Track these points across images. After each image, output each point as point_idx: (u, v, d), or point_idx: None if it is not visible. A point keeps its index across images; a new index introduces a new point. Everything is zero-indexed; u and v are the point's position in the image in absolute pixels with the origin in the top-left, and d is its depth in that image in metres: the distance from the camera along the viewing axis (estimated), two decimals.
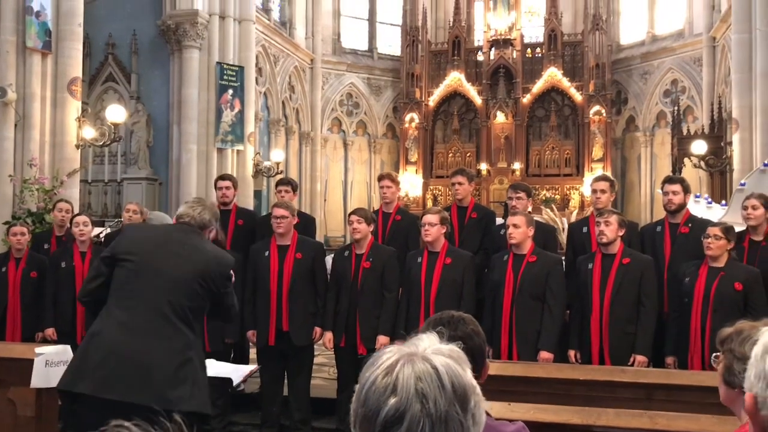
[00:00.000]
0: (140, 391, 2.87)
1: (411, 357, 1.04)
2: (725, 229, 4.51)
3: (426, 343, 1.10)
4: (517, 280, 4.84)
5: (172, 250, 3.18)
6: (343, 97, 18.59)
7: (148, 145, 12.99)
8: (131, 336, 2.96)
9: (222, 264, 3.25)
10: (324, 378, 6.46)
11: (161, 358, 2.95)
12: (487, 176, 17.09)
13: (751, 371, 1.05)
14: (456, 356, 1.06)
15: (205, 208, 3.37)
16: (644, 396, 3.12)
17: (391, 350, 1.07)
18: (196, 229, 3.28)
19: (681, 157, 13.32)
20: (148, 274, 3.08)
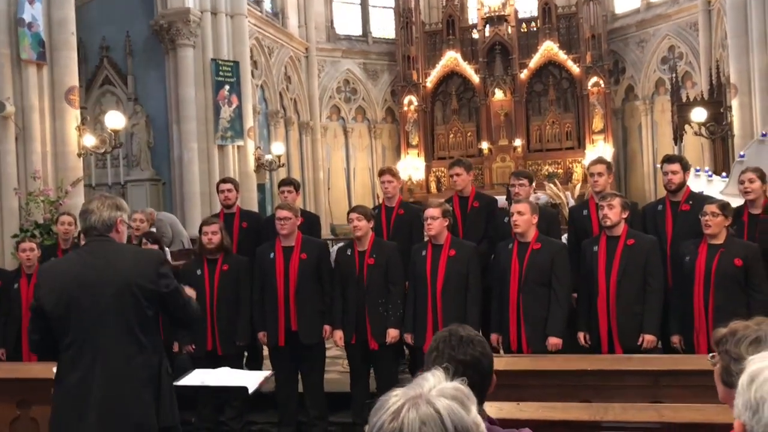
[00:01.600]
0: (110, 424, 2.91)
1: (416, 401, 1.09)
2: (722, 205, 4.55)
3: (431, 383, 1.15)
4: (522, 267, 4.89)
5: (88, 279, 3.01)
6: (340, 84, 18.54)
7: (149, 146, 13.03)
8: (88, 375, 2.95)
9: (144, 263, 3.08)
10: (338, 372, 6.54)
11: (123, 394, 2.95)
12: (488, 155, 17.07)
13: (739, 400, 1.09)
14: (460, 396, 1.11)
15: (99, 208, 3.11)
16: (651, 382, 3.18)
17: (398, 393, 1.12)
18: (105, 238, 3.09)
19: (681, 125, 13.27)
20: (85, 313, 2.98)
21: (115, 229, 3.12)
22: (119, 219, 3.13)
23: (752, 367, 1.08)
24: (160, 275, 3.07)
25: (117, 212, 3.13)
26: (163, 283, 3.07)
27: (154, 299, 3.06)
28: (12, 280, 5.89)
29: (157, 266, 3.08)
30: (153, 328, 3.09)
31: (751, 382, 1.07)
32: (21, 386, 3.99)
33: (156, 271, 3.06)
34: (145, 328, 3.03)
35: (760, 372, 1.06)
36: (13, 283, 5.85)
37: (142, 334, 3.02)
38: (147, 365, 3.03)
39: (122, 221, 3.15)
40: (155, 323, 3.12)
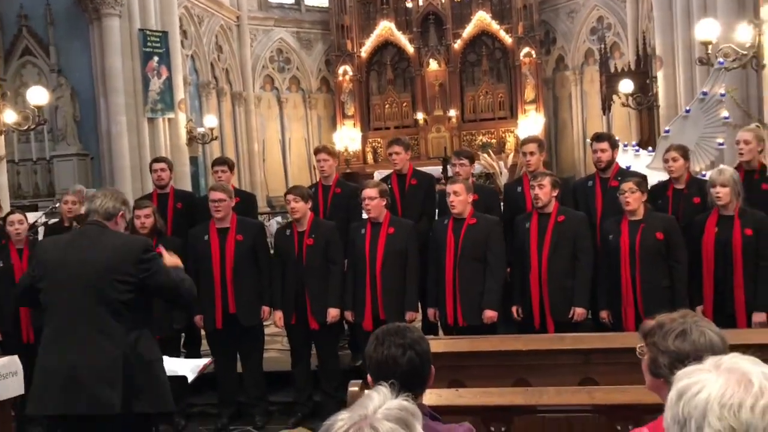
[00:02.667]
0: (71, 401, 3.04)
1: (360, 426, 1.11)
2: (637, 182, 4.73)
3: (376, 403, 1.17)
4: (458, 243, 4.99)
5: (77, 258, 3.17)
6: (273, 53, 18.22)
7: (75, 119, 12.55)
8: (61, 353, 3.10)
9: (127, 249, 3.19)
10: (278, 350, 6.55)
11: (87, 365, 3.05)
12: (424, 125, 17.16)
13: (668, 414, 1.16)
14: (404, 417, 1.14)
15: (107, 196, 3.36)
16: (583, 360, 3.31)
17: (343, 417, 1.14)
18: (101, 224, 3.26)
19: (610, 95, 13.62)
20: (63, 290, 3.16)
21: (115, 220, 3.30)
22: (122, 213, 3.34)
23: (680, 384, 1.15)
24: (141, 261, 3.15)
25: (122, 206, 3.34)
26: (143, 267, 3.15)
27: (134, 284, 3.14)
28: None
29: (139, 252, 3.18)
30: (129, 312, 3.15)
31: (679, 399, 1.13)
32: None
33: (137, 257, 3.17)
34: (120, 312, 3.12)
35: (687, 389, 1.13)
36: None
37: (114, 317, 3.11)
38: (117, 347, 3.09)
39: (123, 216, 3.36)
40: (134, 309, 3.17)
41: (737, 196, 4.56)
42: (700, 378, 1.14)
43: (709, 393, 1.10)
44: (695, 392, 1.12)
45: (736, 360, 1.16)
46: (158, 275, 3.20)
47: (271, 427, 5.41)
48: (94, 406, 3.03)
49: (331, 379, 5.45)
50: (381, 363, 2.05)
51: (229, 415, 5.49)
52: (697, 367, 1.18)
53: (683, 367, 1.85)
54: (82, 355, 3.06)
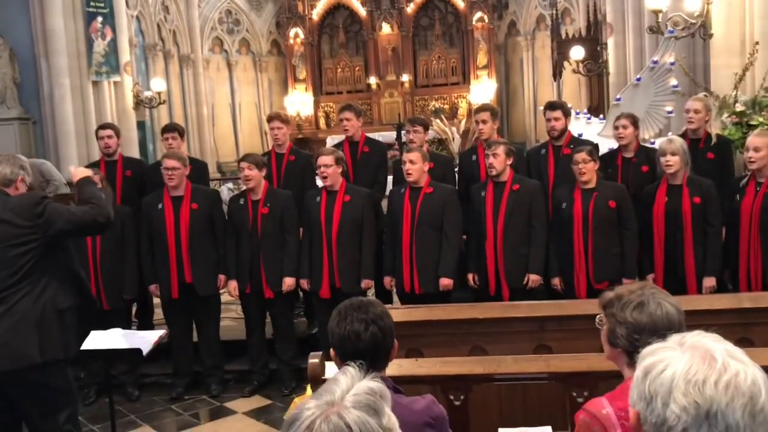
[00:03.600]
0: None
1: (327, 414, 1.10)
2: (589, 151, 4.81)
3: (344, 386, 1.16)
4: (415, 211, 5.00)
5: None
6: (222, 14, 17.73)
7: (14, 81, 12.03)
8: None
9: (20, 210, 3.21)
10: (232, 318, 6.51)
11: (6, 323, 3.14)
12: (377, 90, 17.02)
13: (634, 391, 1.18)
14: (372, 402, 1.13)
15: (2, 163, 3.35)
16: (538, 327, 3.38)
17: (310, 406, 1.13)
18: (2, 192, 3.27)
19: (561, 61, 13.71)
20: None
21: (15, 186, 3.30)
22: (20, 177, 3.32)
23: (645, 362, 1.17)
24: (36, 215, 3.19)
25: (20, 171, 3.33)
26: (40, 222, 3.19)
27: (37, 239, 3.18)
28: None
29: (32, 208, 3.20)
30: (37, 266, 3.19)
31: (645, 376, 1.16)
32: None
33: (32, 212, 3.19)
34: (27, 268, 3.17)
35: (653, 367, 1.15)
36: None
37: (24, 276, 3.16)
38: (24, 304, 3.16)
39: (23, 180, 3.34)
40: (41, 261, 3.21)
41: (686, 165, 4.67)
42: (665, 356, 1.16)
43: (674, 370, 1.13)
44: (660, 370, 1.15)
45: (699, 337, 1.19)
46: (57, 222, 3.23)
47: (226, 395, 5.41)
48: (17, 359, 3.13)
49: (286, 348, 5.46)
50: (344, 338, 2.05)
51: (185, 385, 5.47)
52: (662, 344, 1.20)
53: (640, 338, 1.91)
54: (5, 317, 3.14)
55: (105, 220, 3.36)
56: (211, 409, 5.23)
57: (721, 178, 4.99)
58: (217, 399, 5.35)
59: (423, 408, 1.98)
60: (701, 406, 1.09)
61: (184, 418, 5.12)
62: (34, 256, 3.19)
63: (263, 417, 5.01)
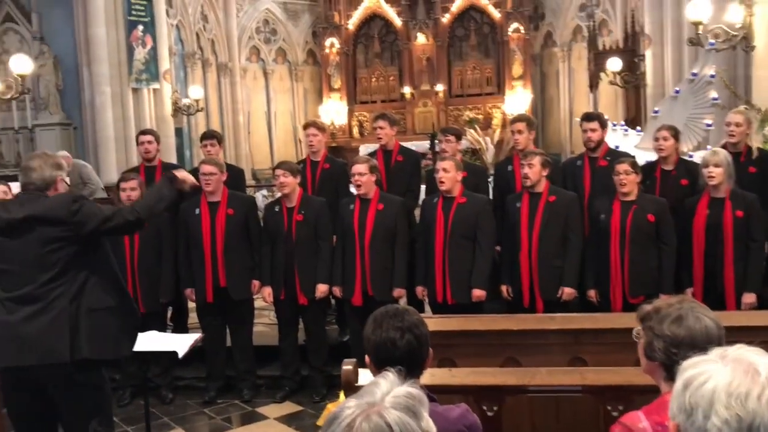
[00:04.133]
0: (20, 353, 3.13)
1: (368, 413, 1.11)
2: (632, 163, 4.76)
3: (384, 389, 1.18)
4: (447, 221, 5.00)
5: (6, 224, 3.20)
6: (259, 24, 17.97)
7: (57, 88, 12.37)
8: (9, 310, 3.17)
9: (58, 205, 3.21)
10: (265, 324, 6.57)
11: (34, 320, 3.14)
12: (411, 99, 17.06)
13: (674, 403, 1.17)
14: (411, 405, 1.15)
15: (43, 167, 3.30)
16: (573, 340, 3.35)
17: (351, 405, 1.15)
18: (37, 195, 3.26)
19: (597, 73, 13.60)
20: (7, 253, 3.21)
21: (54, 187, 3.29)
22: (59, 177, 3.31)
23: (686, 374, 1.16)
24: (71, 213, 3.18)
25: (58, 171, 3.31)
26: (76, 220, 3.18)
27: (73, 239, 3.19)
28: None
29: (68, 206, 3.20)
30: (72, 264, 3.20)
31: (685, 388, 1.15)
32: None
33: (67, 210, 3.19)
34: (62, 266, 3.18)
35: (694, 379, 1.15)
36: None
37: (60, 274, 3.17)
38: (65, 302, 3.17)
39: (62, 180, 3.33)
40: (77, 259, 3.22)
41: (729, 178, 4.60)
42: (707, 368, 1.15)
43: (716, 383, 1.12)
44: (702, 382, 1.14)
45: (742, 351, 1.17)
46: (91, 222, 3.23)
47: (258, 400, 5.45)
48: (44, 356, 3.14)
49: (318, 354, 5.49)
50: (379, 345, 2.06)
51: (217, 389, 5.52)
52: (703, 357, 1.19)
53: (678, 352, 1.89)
54: (29, 310, 3.15)
55: (134, 218, 3.38)
56: (243, 414, 5.27)
57: (763, 192, 4.89)
58: (249, 404, 5.40)
59: (458, 416, 1.98)
60: (743, 420, 1.08)
61: (217, 421, 5.17)
62: (69, 254, 3.20)
63: (294, 423, 5.03)
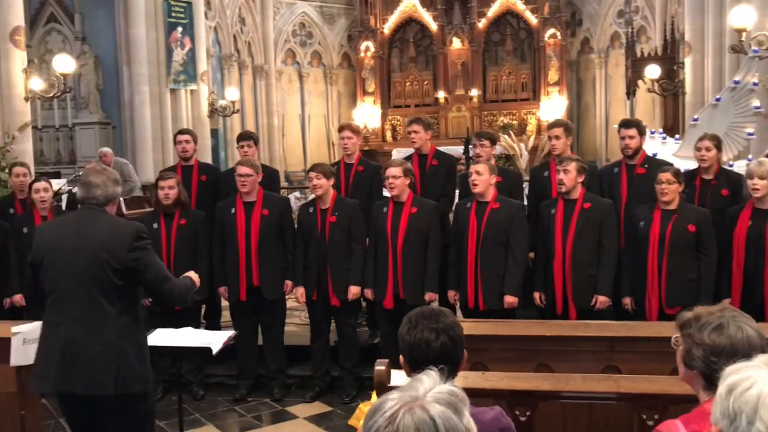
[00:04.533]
0: (67, 380, 3.10)
1: (411, 406, 1.12)
2: (675, 172, 4.68)
3: (427, 385, 1.19)
4: (480, 227, 4.97)
5: (72, 244, 3.15)
6: (295, 27, 18.14)
7: (98, 88, 12.64)
8: (60, 334, 3.12)
9: (120, 236, 3.14)
10: (296, 324, 6.61)
11: (81, 347, 3.08)
12: (445, 104, 17.06)
13: (717, 408, 1.16)
14: (454, 402, 1.15)
15: (108, 180, 3.26)
16: (607, 348, 3.31)
17: (394, 397, 1.15)
18: (98, 210, 3.21)
19: (635, 80, 13.45)
20: (59, 275, 3.16)
21: (113, 203, 3.30)
22: (114, 200, 3.31)
23: (729, 380, 1.15)
24: (131, 248, 3.13)
25: (118, 188, 3.33)
26: (133, 256, 3.12)
27: (124, 271, 3.12)
28: None
29: (131, 240, 3.14)
30: (124, 297, 3.15)
31: (729, 393, 1.13)
32: None
33: (129, 244, 3.13)
34: (114, 297, 3.11)
35: (737, 384, 1.13)
36: None
37: (110, 302, 3.10)
38: (108, 332, 3.10)
39: (118, 199, 3.37)
40: (127, 294, 3.17)
41: None
42: (751, 374, 1.14)
43: (760, 388, 1.11)
44: (746, 387, 1.12)
45: None
46: (146, 267, 3.16)
47: (288, 399, 5.48)
48: (90, 386, 3.09)
49: (349, 356, 5.50)
50: (414, 346, 2.06)
51: (248, 387, 5.56)
52: (747, 363, 1.18)
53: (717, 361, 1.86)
54: (78, 338, 3.09)
55: (173, 300, 3.40)
56: (273, 413, 5.30)
57: None
58: (279, 402, 5.43)
59: (491, 419, 1.97)
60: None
61: (247, 419, 5.21)
62: (120, 285, 3.13)
63: (324, 423, 5.05)
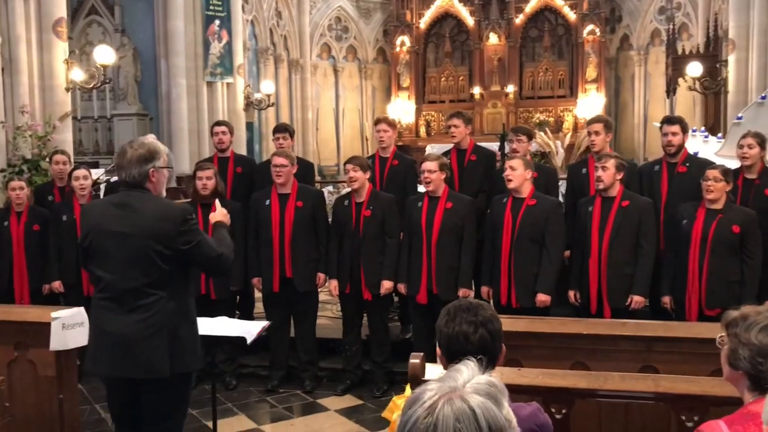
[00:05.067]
0: (122, 365, 3.12)
1: (450, 396, 1.11)
2: (724, 171, 4.55)
3: (466, 376, 1.17)
4: (516, 223, 4.91)
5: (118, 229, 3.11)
6: (331, 21, 18.16)
7: (136, 79, 12.79)
8: (111, 318, 3.14)
9: (165, 221, 3.10)
10: (328, 317, 6.63)
11: (134, 332, 3.09)
12: (480, 100, 16.93)
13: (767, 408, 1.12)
14: (493, 393, 1.14)
15: (132, 159, 3.14)
16: (644, 348, 3.25)
17: (432, 387, 1.14)
18: (140, 191, 3.14)
19: (675, 78, 13.19)
20: (107, 258, 3.15)
21: (149, 180, 3.16)
22: (151, 170, 3.15)
23: None
24: (180, 233, 3.10)
25: (146, 165, 3.14)
26: (183, 240, 3.10)
27: (173, 255, 3.11)
28: (2, 218, 5.84)
29: (178, 225, 3.10)
30: (172, 281, 3.15)
31: None
32: (17, 329, 4.00)
33: (177, 228, 3.10)
34: (161, 281, 3.11)
35: None
36: (3, 221, 5.81)
37: (157, 286, 3.11)
38: (160, 315, 3.11)
39: (155, 170, 3.16)
40: (176, 276, 3.16)
41: None
42: None
43: None
44: None
45: None
46: (197, 248, 3.14)
47: (319, 392, 5.50)
48: (144, 370, 3.11)
49: (380, 350, 5.50)
50: (451, 338, 2.04)
51: (279, 378, 5.60)
52: None
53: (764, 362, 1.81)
54: (130, 321, 3.09)
55: (228, 268, 3.41)
56: (304, 404, 5.33)
57: None
58: (310, 394, 5.45)
59: (529, 414, 1.94)
60: None
61: (278, 410, 5.24)
62: (170, 268, 3.12)
63: (354, 416, 5.06)
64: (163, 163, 3.20)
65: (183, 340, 3.17)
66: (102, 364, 3.19)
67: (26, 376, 3.96)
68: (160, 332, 3.10)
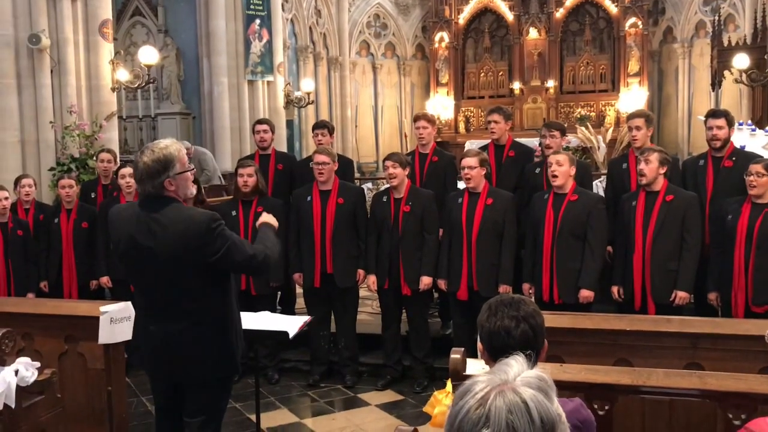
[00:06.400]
0: (162, 367, 3.20)
1: (502, 389, 1.12)
2: (767, 165, 4.45)
3: (516, 370, 1.18)
4: (558, 219, 4.88)
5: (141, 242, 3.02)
6: (370, 18, 18.19)
7: (179, 79, 13.02)
8: (152, 322, 3.16)
9: (188, 236, 2.97)
10: (368, 313, 6.67)
11: (174, 340, 3.09)
12: (520, 95, 16.78)
13: None
14: (544, 387, 1.15)
15: (143, 175, 3.00)
16: (690, 344, 3.20)
17: (483, 380, 1.15)
18: (162, 200, 3.02)
19: (721, 70, 12.89)
20: (139, 269, 3.12)
21: (165, 190, 3.02)
22: (167, 181, 3.01)
23: None
24: (205, 244, 2.97)
25: (159, 178, 2.99)
26: (210, 250, 2.98)
27: (204, 268, 3.02)
28: (53, 215, 6.02)
29: (202, 235, 2.97)
30: (207, 288, 3.09)
31: None
32: (68, 323, 4.11)
33: (202, 240, 2.97)
34: (197, 291, 3.07)
35: None
36: (53, 218, 5.98)
37: (194, 296, 3.07)
38: (199, 324, 3.09)
39: (171, 180, 3.01)
40: (213, 283, 3.10)
41: None
42: None
43: None
44: None
45: None
46: (227, 255, 3.01)
47: (360, 387, 5.54)
48: (186, 375, 3.16)
49: (420, 345, 5.51)
50: (493, 333, 2.04)
51: (321, 373, 5.65)
52: None
53: None
54: (170, 334, 3.09)
55: (264, 266, 3.23)
56: (345, 399, 5.37)
57: None
58: (351, 389, 5.50)
59: (571, 410, 1.93)
60: None
61: (320, 404, 5.30)
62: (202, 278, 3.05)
63: (395, 411, 5.09)
64: (180, 168, 3.04)
65: (222, 347, 3.16)
66: (145, 362, 3.28)
67: (76, 368, 4.08)
68: (198, 340, 3.09)
